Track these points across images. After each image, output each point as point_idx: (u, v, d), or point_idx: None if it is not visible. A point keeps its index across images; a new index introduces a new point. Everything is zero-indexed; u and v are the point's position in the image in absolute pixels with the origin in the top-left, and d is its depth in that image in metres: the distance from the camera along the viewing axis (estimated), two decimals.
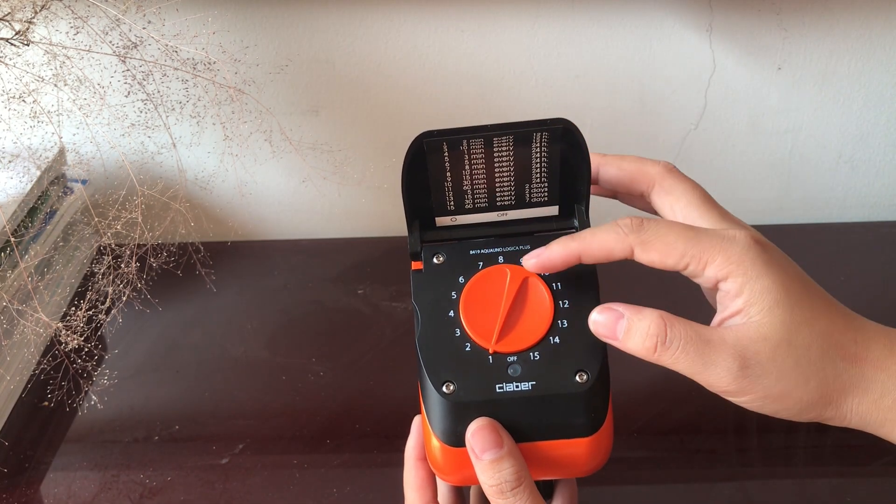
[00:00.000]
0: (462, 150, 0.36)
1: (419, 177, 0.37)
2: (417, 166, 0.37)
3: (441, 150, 0.36)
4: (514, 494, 0.33)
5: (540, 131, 0.36)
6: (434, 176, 0.37)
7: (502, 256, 0.38)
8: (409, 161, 0.36)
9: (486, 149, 0.36)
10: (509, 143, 0.36)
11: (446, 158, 0.37)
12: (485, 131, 0.36)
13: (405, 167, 0.37)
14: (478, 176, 0.37)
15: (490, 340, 0.35)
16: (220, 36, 0.64)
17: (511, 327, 0.36)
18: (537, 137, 0.36)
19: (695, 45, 0.68)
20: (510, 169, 0.37)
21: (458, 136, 0.36)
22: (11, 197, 0.61)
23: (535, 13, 0.66)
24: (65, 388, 0.59)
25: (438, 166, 0.37)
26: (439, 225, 0.39)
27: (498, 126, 0.35)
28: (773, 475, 0.54)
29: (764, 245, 0.33)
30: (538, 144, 0.36)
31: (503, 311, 0.36)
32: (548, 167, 0.37)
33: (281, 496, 0.54)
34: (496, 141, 0.36)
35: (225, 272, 0.72)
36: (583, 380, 0.34)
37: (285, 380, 0.62)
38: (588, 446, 0.34)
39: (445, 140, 0.36)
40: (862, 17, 0.67)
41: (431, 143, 0.36)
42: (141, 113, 0.59)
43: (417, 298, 0.37)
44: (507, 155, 0.37)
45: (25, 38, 0.54)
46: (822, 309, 0.33)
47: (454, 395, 0.34)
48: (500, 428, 0.34)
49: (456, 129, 0.35)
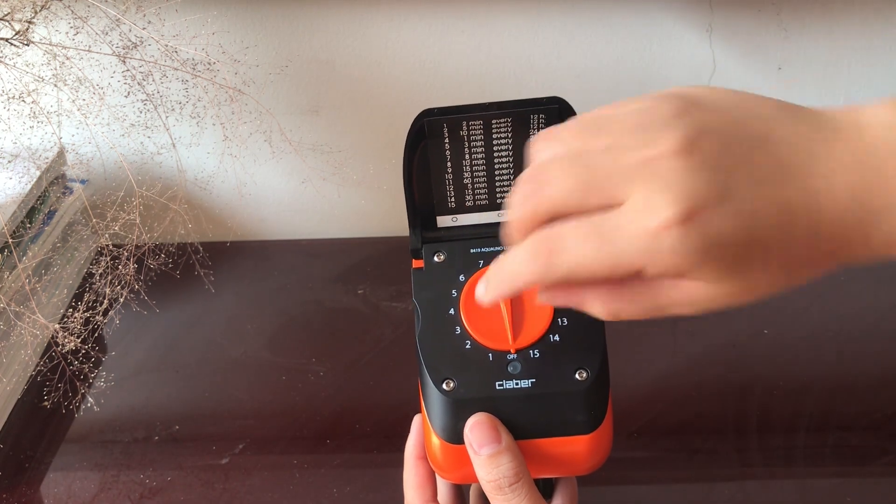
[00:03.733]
0: (462, 136, 0.37)
1: (420, 165, 0.38)
2: (418, 149, 0.37)
3: (441, 133, 0.37)
4: (513, 490, 0.33)
5: (537, 113, 0.36)
6: (435, 166, 0.38)
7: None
8: (410, 141, 0.37)
9: (486, 134, 0.37)
10: (507, 128, 0.37)
11: (447, 144, 0.37)
12: (483, 109, 0.36)
13: (406, 146, 0.37)
14: (477, 166, 0.38)
15: (490, 338, 0.36)
16: (220, 36, 0.64)
17: (512, 325, 0.36)
18: (534, 120, 0.37)
19: (695, 45, 0.68)
20: (509, 158, 0.38)
21: (457, 114, 0.36)
22: (11, 197, 0.61)
23: (535, 13, 0.66)
24: (61, 391, 0.59)
25: (439, 154, 0.37)
26: (440, 225, 0.40)
27: (496, 104, 0.36)
28: (773, 475, 0.54)
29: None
30: (536, 129, 0.37)
31: (507, 310, 0.36)
32: None
33: (281, 496, 0.54)
34: (495, 125, 0.37)
35: (224, 273, 0.72)
36: (582, 377, 0.35)
37: (285, 380, 0.62)
38: (588, 444, 0.35)
39: (445, 122, 0.36)
40: (862, 17, 0.67)
41: (432, 123, 0.36)
42: (140, 113, 0.59)
43: (418, 296, 0.37)
44: (506, 141, 0.37)
45: (25, 38, 0.54)
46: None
47: (454, 393, 0.35)
48: (498, 423, 0.34)
49: (454, 106, 0.36)
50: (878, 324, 0.64)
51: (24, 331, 0.57)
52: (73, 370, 0.59)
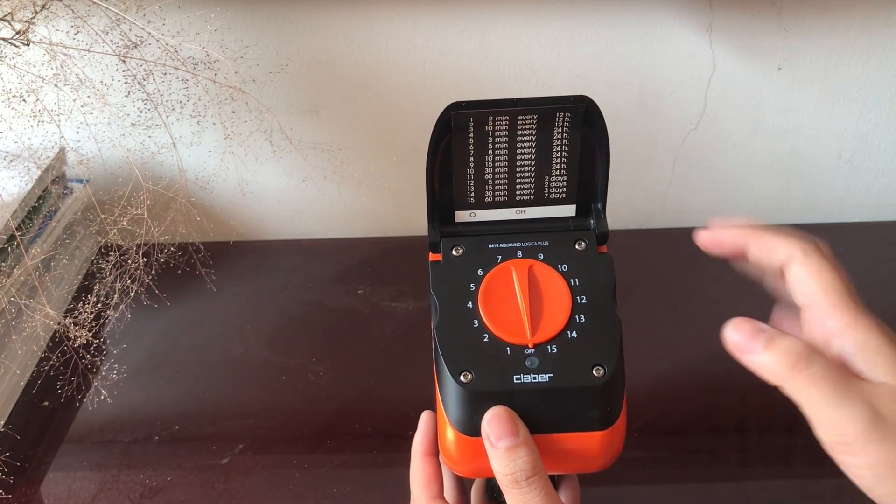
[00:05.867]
0: (487, 131, 0.37)
1: (443, 158, 0.38)
2: (443, 142, 0.37)
3: (467, 127, 0.37)
4: (529, 484, 0.33)
5: (563, 111, 0.37)
6: (458, 160, 0.38)
7: (521, 251, 0.38)
8: (436, 134, 0.37)
9: (510, 130, 0.37)
10: (532, 125, 0.37)
11: (471, 138, 0.37)
12: (511, 105, 0.36)
13: (431, 140, 0.37)
14: (500, 162, 0.38)
15: (508, 332, 0.36)
16: (221, 34, 0.64)
17: (530, 320, 0.36)
18: (560, 118, 0.37)
19: (695, 45, 0.68)
20: (531, 155, 0.38)
21: (484, 108, 0.36)
22: (13, 196, 0.61)
23: (535, 13, 0.66)
24: (65, 387, 0.59)
25: (463, 148, 0.38)
26: (458, 220, 0.40)
27: (524, 99, 0.36)
28: (773, 475, 0.54)
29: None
30: (560, 127, 0.37)
31: (525, 305, 0.36)
32: (568, 155, 0.38)
33: (281, 496, 0.54)
34: (520, 121, 0.37)
35: (225, 272, 0.72)
36: (599, 374, 0.35)
37: (285, 380, 0.62)
38: (602, 440, 0.35)
39: (472, 116, 0.36)
40: (862, 17, 0.67)
41: (459, 117, 0.36)
42: (141, 112, 0.59)
43: (436, 289, 0.38)
44: (530, 138, 0.37)
45: (26, 38, 0.54)
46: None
47: (472, 385, 0.35)
48: (515, 417, 0.34)
49: (482, 101, 0.36)
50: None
51: (35, 323, 0.57)
52: (85, 363, 0.59)
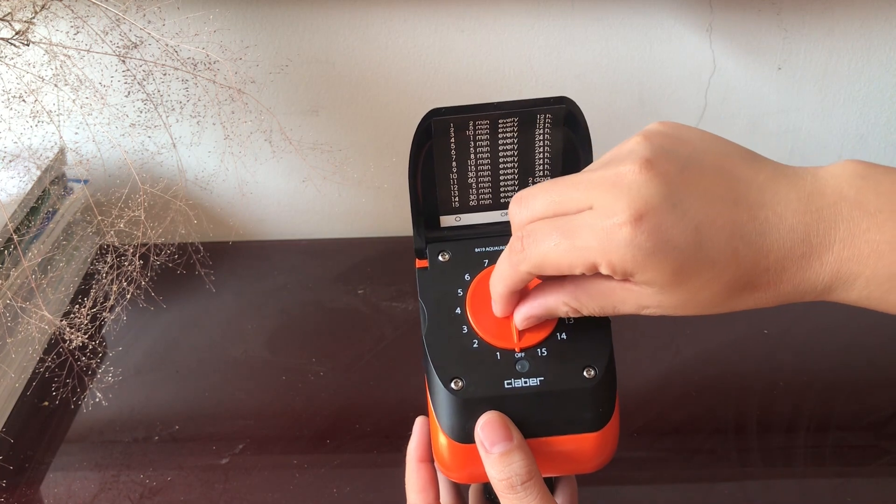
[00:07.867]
0: (468, 135, 0.37)
1: (426, 164, 0.38)
2: (424, 148, 0.37)
3: (447, 133, 0.37)
4: (525, 488, 0.33)
5: (543, 113, 0.37)
6: (440, 165, 0.38)
7: None
8: (417, 140, 0.37)
9: (491, 134, 0.37)
10: (514, 128, 0.37)
11: (452, 144, 0.37)
12: (490, 109, 0.37)
13: (413, 146, 0.37)
14: (482, 166, 0.38)
15: (497, 337, 0.36)
16: (221, 34, 0.64)
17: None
18: (540, 120, 0.37)
19: (695, 45, 0.68)
20: (514, 158, 0.38)
21: (464, 114, 0.36)
22: (12, 197, 0.61)
23: (535, 13, 0.66)
24: (69, 387, 0.59)
25: (444, 153, 0.37)
26: (444, 225, 0.40)
27: (504, 103, 0.37)
28: (773, 475, 0.54)
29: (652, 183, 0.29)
30: (541, 129, 0.37)
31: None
32: (551, 156, 0.38)
33: (281, 496, 0.54)
34: (501, 125, 0.37)
35: (225, 272, 0.72)
36: (590, 375, 0.35)
37: (285, 380, 0.62)
38: (595, 441, 0.35)
39: (452, 121, 0.36)
40: (862, 17, 0.67)
41: (439, 123, 0.36)
42: (141, 113, 0.59)
43: (424, 296, 0.38)
44: (512, 141, 0.37)
45: (25, 38, 0.54)
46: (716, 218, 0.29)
47: (463, 392, 0.35)
48: (509, 422, 0.34)
49: (461, 106, 0.36)
50: (878, 324, 0.64)
51: (31, 326, 0.57)
52: (80, 366, 0.59)
